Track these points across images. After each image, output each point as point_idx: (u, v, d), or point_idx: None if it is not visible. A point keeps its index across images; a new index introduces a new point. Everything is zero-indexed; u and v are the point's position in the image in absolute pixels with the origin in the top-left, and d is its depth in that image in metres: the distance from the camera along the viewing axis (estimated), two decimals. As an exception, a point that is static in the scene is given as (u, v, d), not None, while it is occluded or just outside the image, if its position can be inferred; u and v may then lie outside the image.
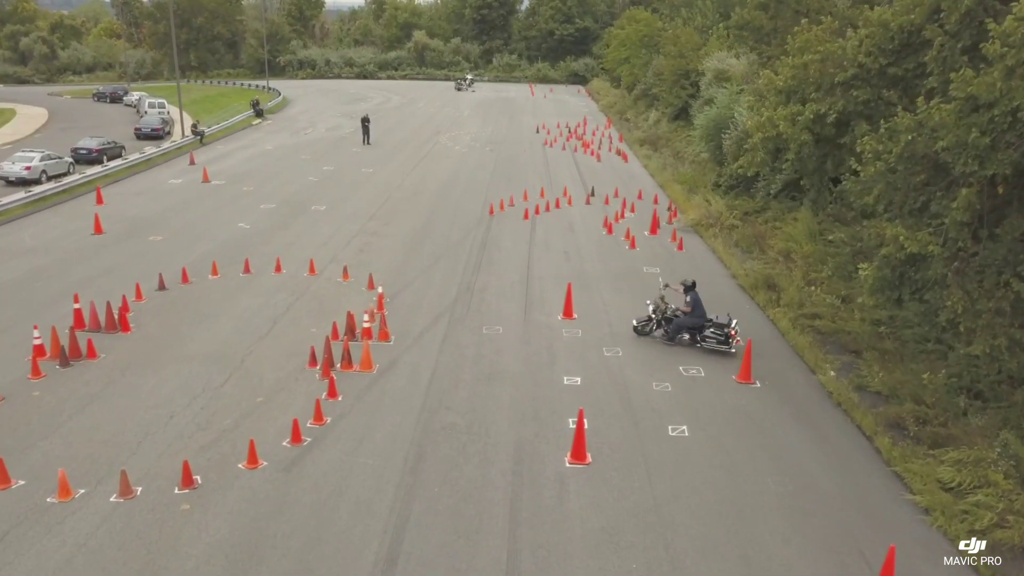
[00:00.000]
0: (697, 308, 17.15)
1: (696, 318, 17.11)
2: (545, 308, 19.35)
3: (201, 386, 14.77)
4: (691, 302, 17.16)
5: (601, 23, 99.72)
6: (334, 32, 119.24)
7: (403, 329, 17.71)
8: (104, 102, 75.18)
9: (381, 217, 28.01)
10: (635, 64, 63.34)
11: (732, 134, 29.55)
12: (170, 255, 22.79)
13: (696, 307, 17.14)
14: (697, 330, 17.16)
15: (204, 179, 33.44)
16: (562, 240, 25.77)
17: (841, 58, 14.39)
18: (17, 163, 33.72)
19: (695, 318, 17.12)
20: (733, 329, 16.85)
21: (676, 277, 21.86)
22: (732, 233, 26.13)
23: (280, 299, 19.45)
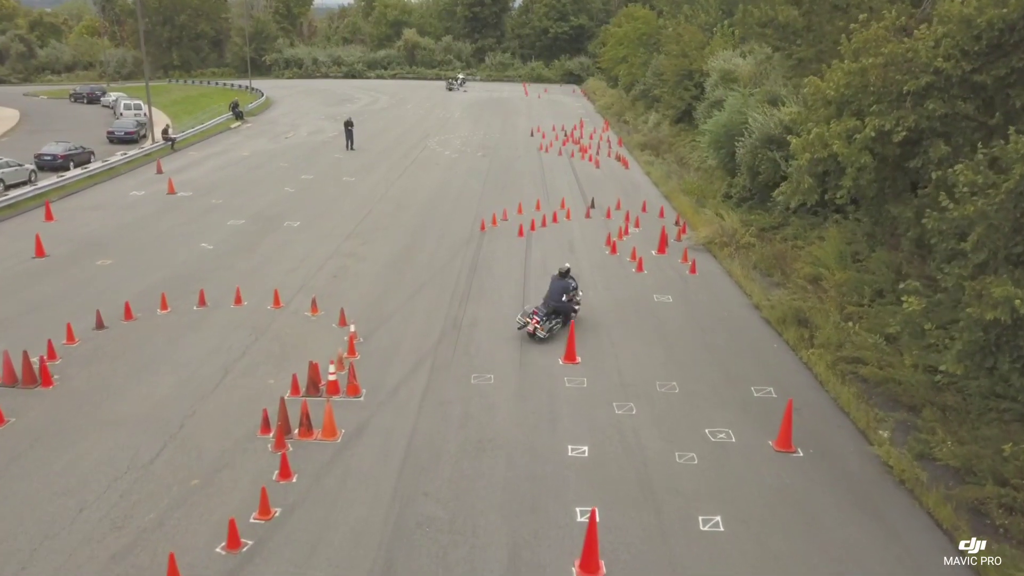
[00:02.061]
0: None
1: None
2: (544, 349, 16.70)
3: (126, 463, 12.08)
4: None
5: (597, 21, 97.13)
6: (322, 30, 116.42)
7: (376, 380, 15.04)
8: (81, 103, 72.43)
9: (360, 235, 25.31)
10: (633, 64, 60.73)
11: (746, 142, 26.95)
12: (117, 284, 20.06)
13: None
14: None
15: (169, 191, 30.68)
16: (561, 261, 22.96)
17: (911, 62, 11.79)
18: (-30, 172, 30.98)
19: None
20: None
21: (692, 307, 19.30)
22: (749, 253, 23.52)
23: (236, 340, 16.75)
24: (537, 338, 17.02)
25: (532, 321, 17.11)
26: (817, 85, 13.44)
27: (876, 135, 12.06)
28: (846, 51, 13.27)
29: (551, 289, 17.75)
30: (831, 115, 13.18)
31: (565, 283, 17.79)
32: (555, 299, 17.53)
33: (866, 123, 12.19)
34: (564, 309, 17.69)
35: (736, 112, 29.92)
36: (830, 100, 13.14)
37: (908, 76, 11.76)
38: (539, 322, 17.08)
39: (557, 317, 17.59)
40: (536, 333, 17.00)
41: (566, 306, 17.71)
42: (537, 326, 17.02)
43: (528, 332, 17.14)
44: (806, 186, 13.91)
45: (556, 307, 17.53)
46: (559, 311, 17.62)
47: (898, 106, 11.93)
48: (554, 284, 17.80)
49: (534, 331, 17.02)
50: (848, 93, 12.71)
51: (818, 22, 18.08)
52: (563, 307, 17.64)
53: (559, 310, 17.62)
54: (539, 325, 17.03)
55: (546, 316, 17.31)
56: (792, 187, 14.33)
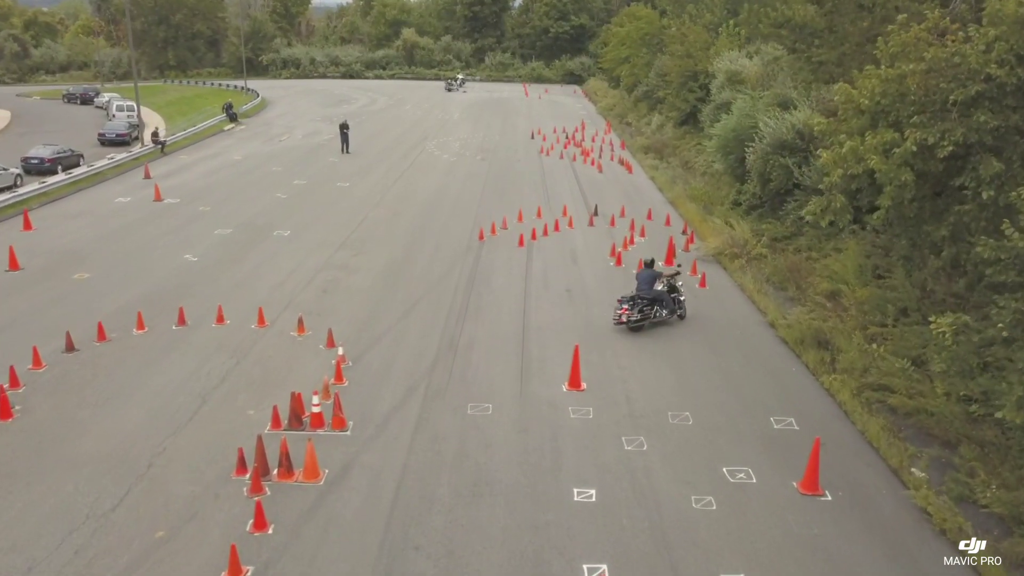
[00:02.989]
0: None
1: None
2: (546, 374, 15.54)
3: (85, 511, 10.92)
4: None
5: (598, 20, 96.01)
6: (320, 30, 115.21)
7: (365, 410, 13.88)
8: (74, 103, 71.41)
9: (353, 245, 24.14)
10: (636, 64, 59.58)
11: (757, 147, 25.77)
12: (93, 300, 18.91)
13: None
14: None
15: (156, 197, 29.52)
16: (564, 274, 21.96)
17: (957, 68, 10.60)
18: (-50, 177, 29.88)
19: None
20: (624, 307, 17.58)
21: (703, 325, 18.15)
22: (761, 265, 22.37)
23: (215, 364, 15.58)
24: (631, 325, 17.53)
25: (622, 310, 17.59)
26: (848, 93, 12.23)
27: (917, 149, 10.88)
28: (882, 55, 12.05)
29: (640, 280, 17.99)
30: (864, 126, 11.97)
31: (653, 272, 18.12)
32: (647, 289, 17.76)
33: (906, 136, 10.99)
34: (663, 297, 17.97)
35: (745, 116, 28.76)
36: (863, 109, 11.94)
37: (954, 84, 10.59)
38: (628, 310, 17.53)
39: (657, 306, 17.86)
40: (628, 320, 17.51)
41: (663, 294, 17.99)
42: (627, 313, 17.51)
43: (621, 323, 17.59)
44: (839, 205, 12.68)
45: (655, 296, 17.83)
46: (658, 300, 17.88)
47: (943, 117, 10.75)
48: (642, 275, 18.04)
49: (627, 320, 17.50)
50: (884, 102, 11.48)
51: (841, 23, 16.88)
52: (661, 295, 17.93)
53: (658, 299, 17.88)
54: (629, 312, 17.51)
55: (639, 306, 17.65)
56: (822, 205, 13.10)
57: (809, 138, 24.68)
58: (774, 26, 21.15)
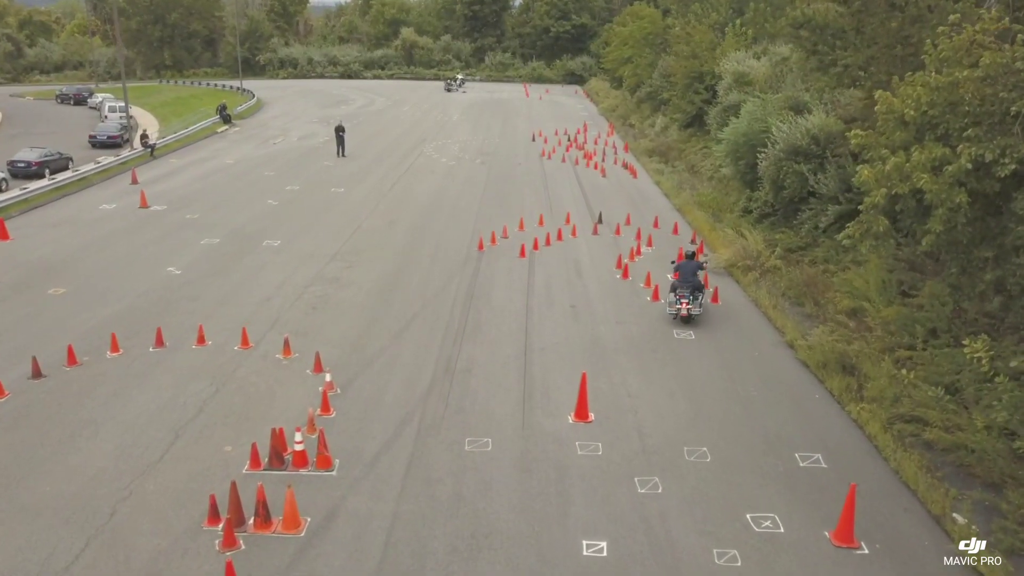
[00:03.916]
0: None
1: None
2: (550, 403, 14.37)
3: (35, 570, 9.75)
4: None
5: (599, 20, 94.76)
6: (318, 29, 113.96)
7: (353, 446, 12.72)
8: (68, 104, 70.44)
9: (346, 256, 22.97)
10: (639, 64, 58.38)
11: (770, 153, 24.61)
12: (66, 318, 17.74)
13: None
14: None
15: (142, 204, 28.34)
16: (568, 288, 20.79)
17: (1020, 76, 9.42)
18: (-67, 182, 28.75)
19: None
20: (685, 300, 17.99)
21: (718, 345, 17.00)
22: (776, 278, 21.20)
23: (193, 392, 14.42)
24: (692, 318, 18.09)
25: (683, 304, 17.95)
26: (890, 102, 11.01)
27: (973, 167, 9.72)
28: (930, 60, 10.86)
29: (684, 271, 18.51)
30: (908, 139, 10.80)
31: (696, 263, 18.88)
32: (691, 278, 18.38)
33: (959, 151, 9.82)
34: (700, 285, 18.62)
35: (756, 120, 27.60)
36: (907, 120, 10.75)
37: (1016, 93, 9.43)
38: (689, 303, 17.98)
39: (699, 294, 18.46)
40: (691, 313, 18.01)
41: (700, 283, 18.66)
42: (689, 308, 17.95)
43: (683, 316, 18.06)
44: (881, 229, 11.48)
45: (697, 285, 18.40)
46: (699, 289, 18.46)
47: (1002, 131, 9.58)
48: (686, 265, 18.63)
49: (688, 313, 17.98)
50: (933, 113, 10.28)
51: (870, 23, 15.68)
52: (699, 283, 18.59)
53: (699, 288, 18.47)
54: (690, 306, 17.97)
55: (691, 294, 18.14)
56: (861, 229, 11.87)
57: (825, 144, 23.55)
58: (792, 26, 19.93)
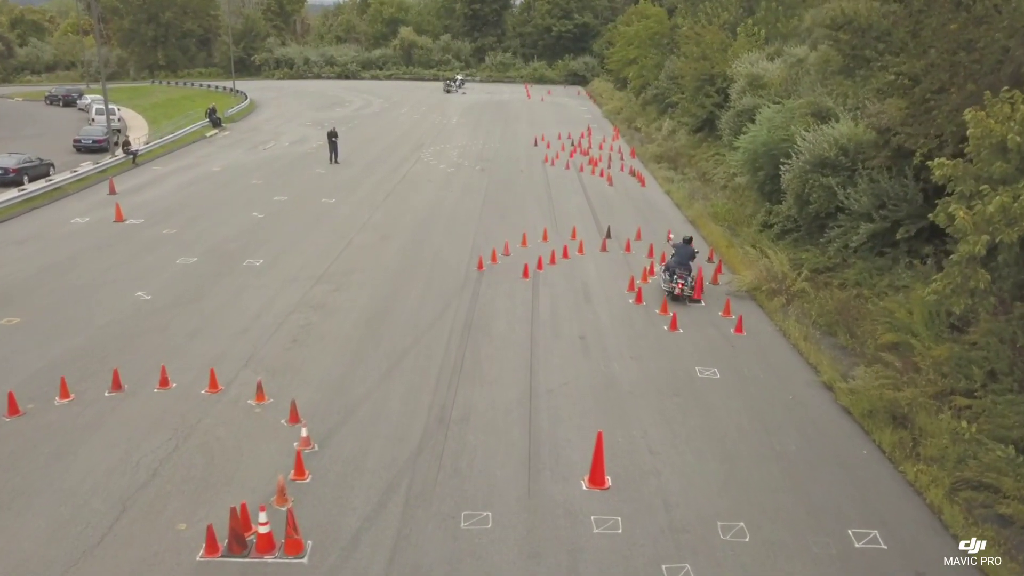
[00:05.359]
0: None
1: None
2: (560, 463, 12.46)
3: None
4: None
5: (602, 19, 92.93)
6: (316, 28, 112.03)
7: (329, 522, 10.81)
8: (57, 105, 68.61)
9: (333, 278, 21.06)
10: (644, 65, 56.51)
11: (794, 164, 22.71)
12: (16, 355, 15.83)
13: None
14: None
15: (117, 217, 26.42)
16: (576, 314, 18.89)
17: None
18: (-99, 190, 26.86)
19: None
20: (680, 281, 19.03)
21: (746, 387, 15.11)
22: (804, 304, 19.30)
23: (148, 450, 12.51)
24: (684, 298, 19.08)
25: (679, 284, 18.87)
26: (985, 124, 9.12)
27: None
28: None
29: (681, 255, 19.61)
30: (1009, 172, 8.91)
31: (692, 249, 19.87)
32: (687, 261, 19.38)
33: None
34: (692, 271, 19.52)
35: (776, 127, 25.71)
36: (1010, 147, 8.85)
37: None
38: (684, 284, 18.92)
39: (691, 278, 19.33)
40: (684, 293, 18.91)
41: (693, 268, 19.57)
42: (684, 287, 18.87)
43: (676, 294, 18.99)
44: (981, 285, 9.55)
45: (690, 269, 19.36)
46: (690, 272, 19.39)
47: None
48: (682, 250, 19.74)
49: (682, 292, 18.88)
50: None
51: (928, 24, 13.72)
52: (693, 268, 19.54)
53: (691, 271, 19.41)
54: (685, 286, 18.89)
55: (688, 275, 19.16)
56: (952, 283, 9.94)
57: (855, 155, 21.67)
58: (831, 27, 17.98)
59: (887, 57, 16.74)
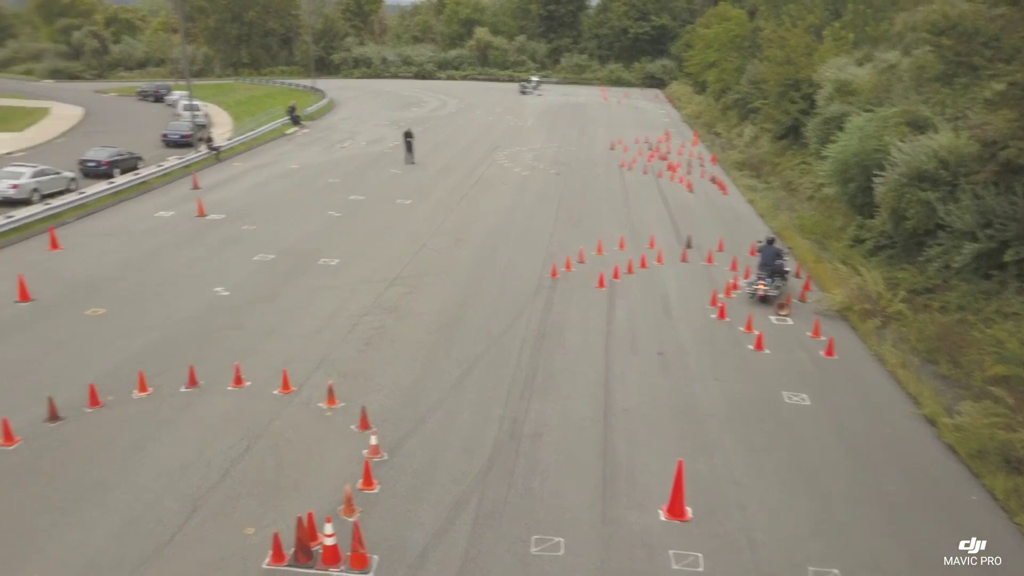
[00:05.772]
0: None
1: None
2: (637, 489, 11.85)
3: None
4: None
5: (680, 21, 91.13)
6: (393, 28, 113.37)
7: (396, 536, 10.47)
8: (148, 101, 70.93)
9: (406, 280, 20.87)
10: (725, 69, 55.07)
11: (889, 177, 21.47)
12: (99, 346, 16.10)
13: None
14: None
15: (199, 212, 26.92)
16: (655, 329, 18.19)
17: None
18: (4, 180, 28.00)
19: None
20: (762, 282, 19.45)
21: (838, 417, 14.19)
22: (901, 327, 18.14)
23: (220, 449, 12.44)
24: (769, 299, 19.40)
25: (760, 284, 19.36)
26: None
27: None
28: None
29: (764, 256, 19.98)
30: None
31: (776, 248, 20.20)
32: (770, 264, 19.68)
33: None
34: (780, 270, 19.77)
35: (868, 136, 24.41)
36: None
37: None
38: (766, 285, 19.28)
39: (778, 278, 19.64)
40: (768, 294, 19.26)
41: (780, 267, 19.78)
42: (766, 288, 19.24)
43: (759, 296, 19.42)
44: None
45: (772, 269, 19.60)
46: (779, 272, 19.70)
47: None
48: (766, 251, 20.08)
49: (765, 294, 19.27)
50: None
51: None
52: (778, 268, 19.73)
53: (776, 271, 19.66)
54: (767, 288, 19.26)
55: (769, 277, 19.51)
56: None
57: (956, 169, 20.33)
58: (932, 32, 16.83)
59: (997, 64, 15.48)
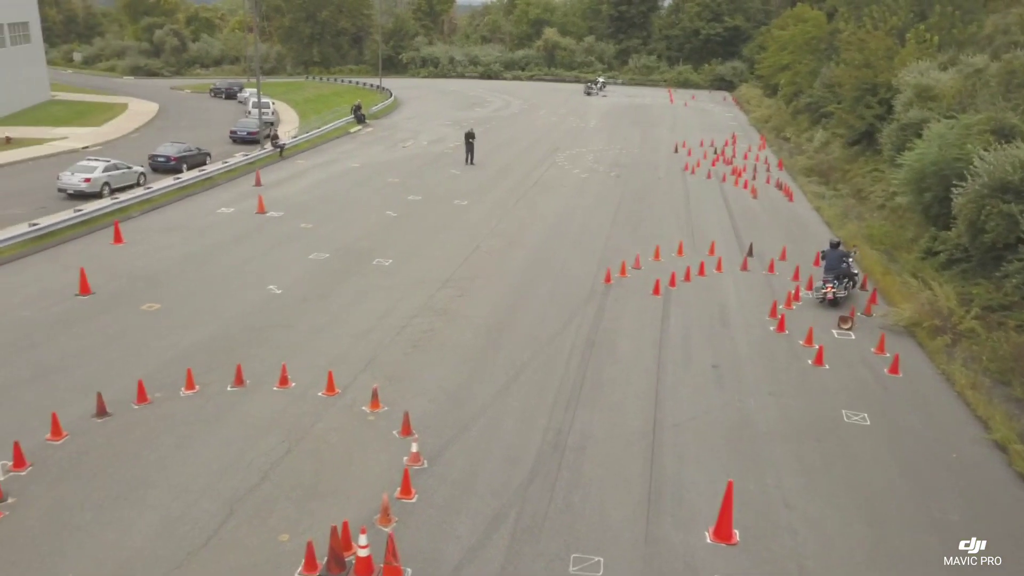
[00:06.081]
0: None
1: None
2: (683, 507, 11.36)
3: None
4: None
5: (754, 22, 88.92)
6: (462, 28, 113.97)
7: (431, 549, 10.25)
8: (220, 98, 72.84)
9: (458, 283, 20.71)
10: (798, 72, 53.34)
11: (969, 187, 20.29)
12: (152, 340, 16.39)
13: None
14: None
15: (259, 209, 27.35)
16: (710, 340, 17.57)
17: None
18: (77, 174, 29.06)
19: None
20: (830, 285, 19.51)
21: (900, 439, 13.41)
22: (973, 346, 17.09)
23: (262, 451, 12.45)
24: (837, 301, 19.50)
25: (828, 288, 19.42)
26: None
27: None
28: None
29: (829, 260, 19.98)
30: None
31: (842, 252, 20.27)
32: (836, 267, 19.78)
33: None
34: (847, 273, 19.96)
35: (949, 144, 23.15)
36: None
37: None
38: (834, 288, 19.40)
39: (846, 280, 19.85)
40: (836, 296, 19.42)
41: (847, 270, 19.96)
42: (835, 291, 19.37)
43: (828, 300, 19.48)
44: None
45: (839, 272, 19.73)
46: (847, 275, 19.90)
47: None
48: (831, 255, 20.08)
49: (834, 296, 19.39)
50: None
51: None
52: (846, 271, 19.91)
53: (843, 274, 19.80)
54: (835, 290, 19.39)
55: (836, 280, 19.56)
56: None
57: None
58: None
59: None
